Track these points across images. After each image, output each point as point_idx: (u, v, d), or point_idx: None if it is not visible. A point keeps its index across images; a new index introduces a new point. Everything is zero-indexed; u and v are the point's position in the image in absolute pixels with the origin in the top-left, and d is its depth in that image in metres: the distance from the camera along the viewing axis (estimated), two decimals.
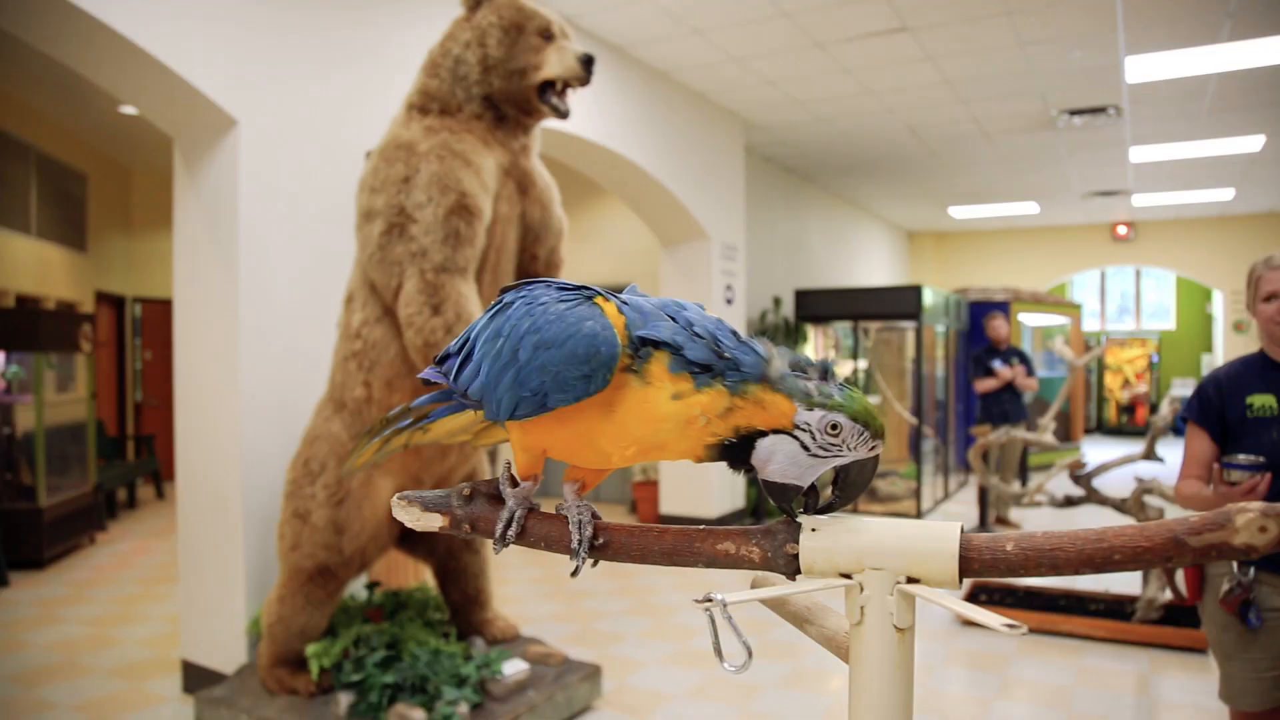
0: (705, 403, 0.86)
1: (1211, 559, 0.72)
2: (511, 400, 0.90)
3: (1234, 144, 8.87)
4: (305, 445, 3.46)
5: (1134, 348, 16.13)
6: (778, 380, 0.87)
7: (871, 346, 9.76)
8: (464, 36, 3.31)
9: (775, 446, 0.86)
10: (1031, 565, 0.75)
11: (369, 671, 3.37)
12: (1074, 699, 4.15)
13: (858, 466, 0.87)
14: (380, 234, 3.15)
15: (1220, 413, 2.46)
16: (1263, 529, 0.70)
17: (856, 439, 0.86)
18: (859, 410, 0.86)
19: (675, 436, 0.87)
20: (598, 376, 0.85)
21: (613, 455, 0.91)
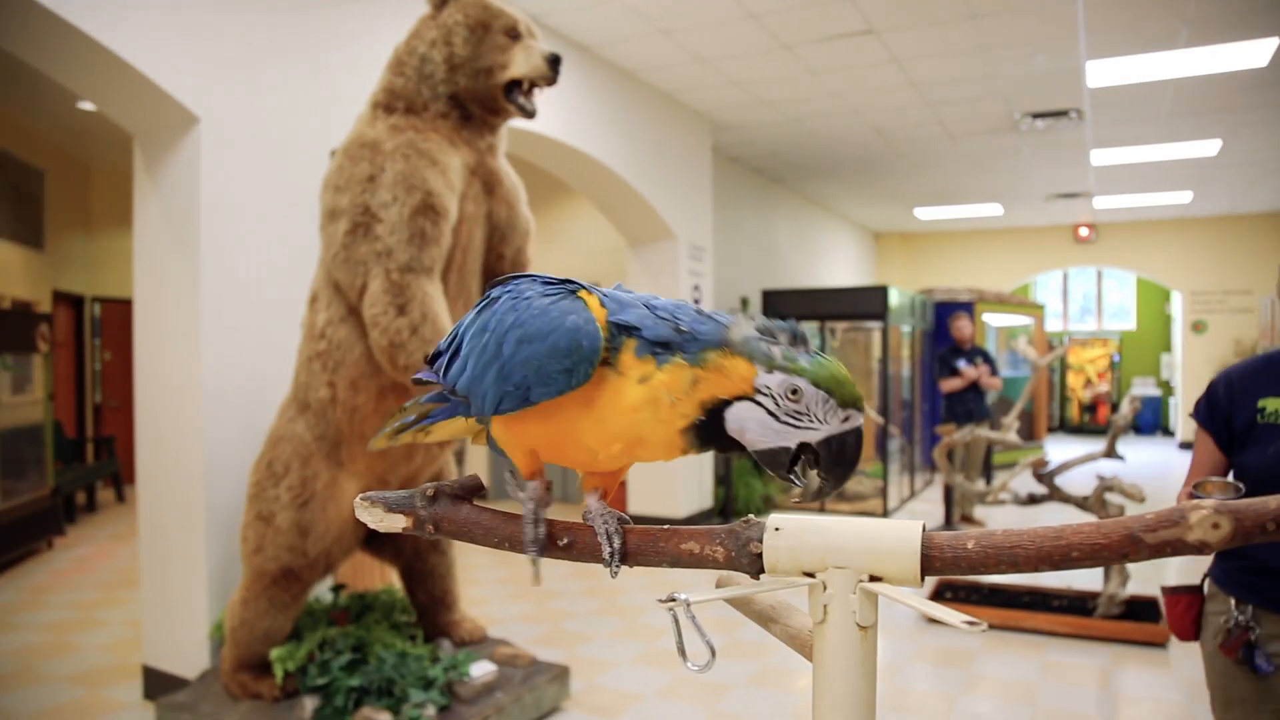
0: (668, 380, 0.85)
1: (1166, 555, 0.73)
2: (496, 394, 0.90)
3: (1191, 148, 9.03)
4: (269, 447, 3.42)
5: (1096, 348, 16.38)
6: (738, 344, 0.86)
7: (838, 346, 9.82)
8: (430, 35, 3.29)
9: (743, 415, 0.84)
10: (992, 563, 0.76)
11: (334, 675, 3.34)
12: (1038, 694, 4.21)
13: (837, 442, 0.85)
14: (345, 233, 3.12)
15: (1227, 416, 2.14)
16: (1215, 525, 0.71)
17: (822, 407, 0.84)
18: (824, 376, 0.84)
19: (650, 426, 0.86)
20: (579, 370, 0.84)
21: (598, 452, 0.89)
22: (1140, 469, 10.69)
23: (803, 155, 9.47)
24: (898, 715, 4.01)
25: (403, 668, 3.44)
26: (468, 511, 0.96)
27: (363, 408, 3.30)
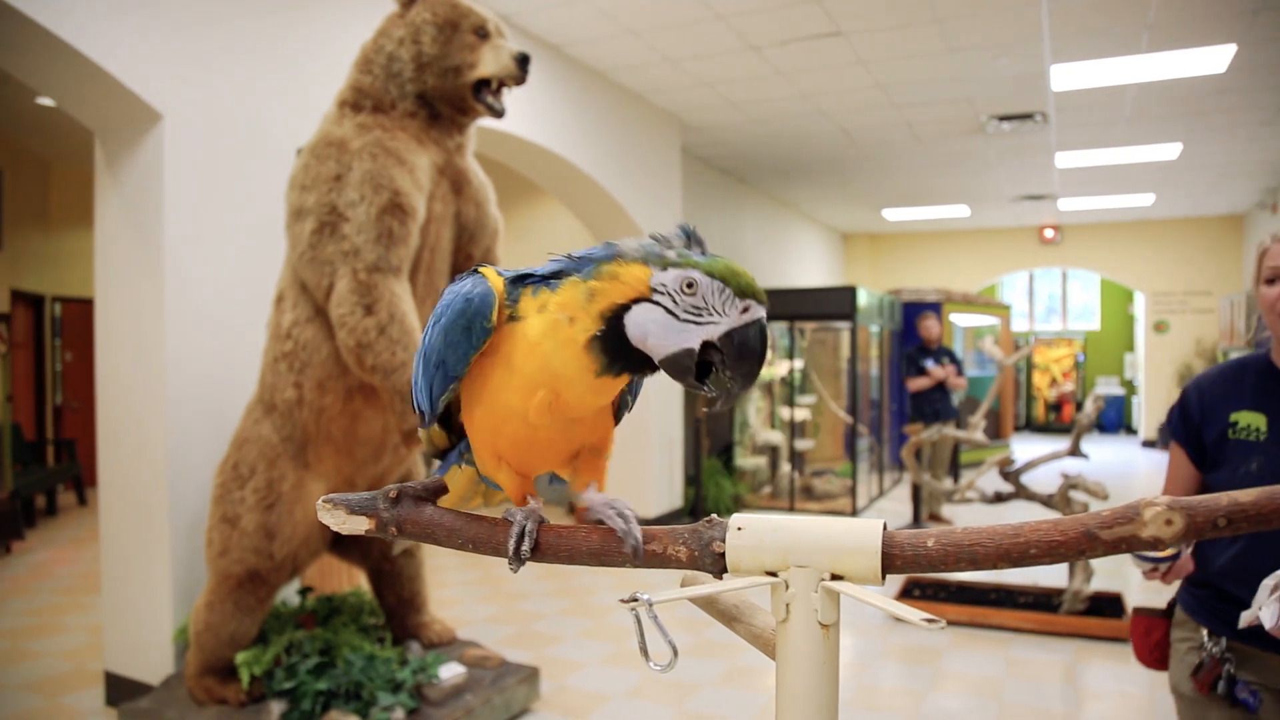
0: (562, 300, 0.86)
1: (1122, 551, 0.74)
2: (426, 383, 0.93)
3: (1153, 151, 9.17)
4: (234, 448, 3.39)
5: (1061, 347, 16.59)
6: (632, 250, 0.87)
7: (807, 347, 9.88)
8: (398, 33, 3.27)
9: (642, 318, 0.84)
10: (952, 560, 0.76)
11: (301, 679, 3.31)
12: (1004, 690, 4.25)
13: (740, 335, 0.84)
14: (311, 233, 3.10)
15: (1199, 428, 1.97)
16: (1169, 522, 0.72)
17: (720, 298, 0.84)
18: (718, 268, 0.84)
19: (557, 355, 0.86)
20: (476, 324, 0.87)
21: (528, 411, 0.89)
22: (1104, 467, 10.84)
23: (771, 156, 9.52)
24: (866, 713, 4.04)
25: (371, 670, 3.41)
26: (431, 513, 0.95)
27: (330, 408, 3.27)
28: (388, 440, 3.44)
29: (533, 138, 5.91)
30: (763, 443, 9.49)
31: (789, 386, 9.49)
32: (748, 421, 9.41)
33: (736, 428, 9.36)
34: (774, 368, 9.39)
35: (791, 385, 9.46)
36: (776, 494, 9.39)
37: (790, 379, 9.47)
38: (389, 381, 3.03)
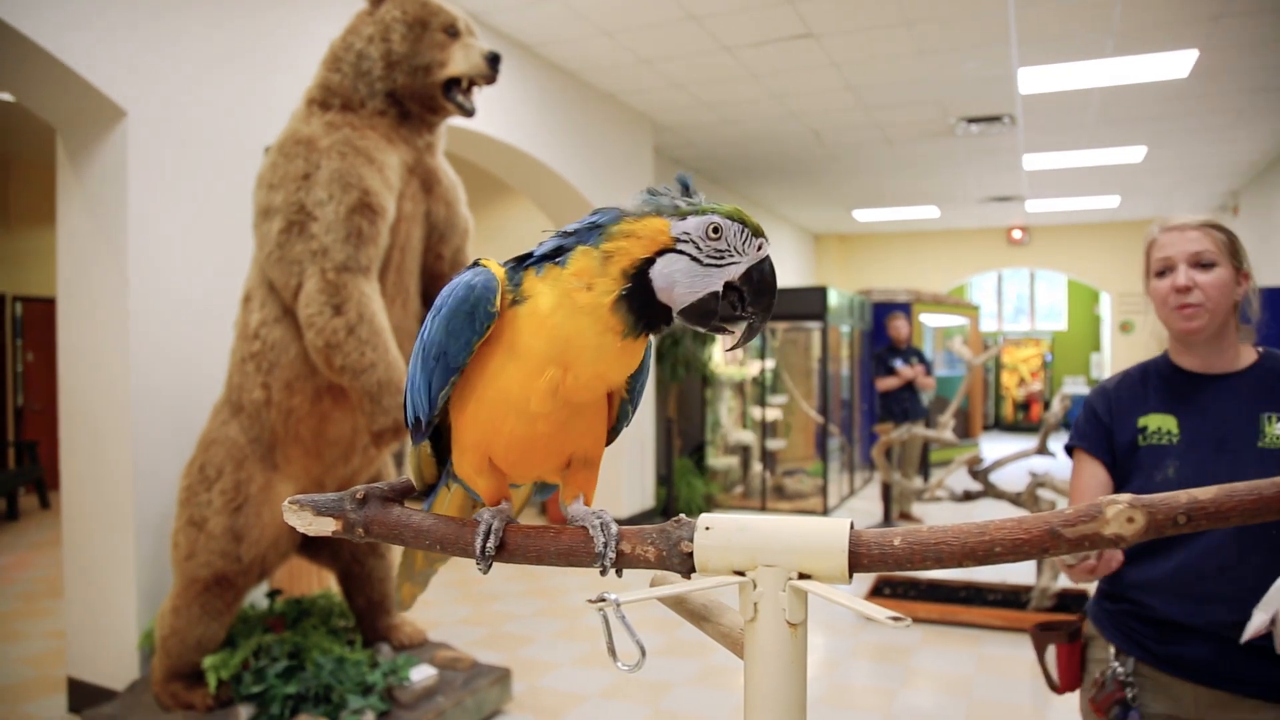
0: (576, 270, 0.86)
1: (1085, 549, 0.75)
2: (425, 380, 0.91)
3: (1119, 154, 9.30)
4: (201, 450, 3.35)
5: (1029, 347, 16.78)
6: (640, 207, 0.88)
7: (779, 347, 9.92)
8: (367, 30, 3.24)
9: (669, 269, 0.85)
10: (918, 559, 0.77)
11: (270, 682, 3.28)
12: (974, 687, 4.29)
13: (757, 272, 0.87)
14: (279, 232, 3.07)
15: (1110, 434, 1.84)
16: (1130, 520, 0.73)
17: (740, 239, 0.86)
18: (731, 211, 0.86)
19: (574, 324, 0.85)
20: (480, 308, 0.86)
21: (531, 399, 0.87)
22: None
23: (743, 157, 9.55)
24: (837, 711, 4.06)
25: (341, 674, 3.39)
26: (399, 514, 0.95)
27: (298, 409, 3.24)
28: (357, 441, 3.42)
29: (504, 137, 5.89)
30: (734, 442, 9.52)
31: (760, 386, 9.53)
32: (719, 421, 9.43)
33: (708, 428, 9.38)
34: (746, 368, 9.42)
35: (763, 385, 9.49)
36: (748, 494, 9.42)
37: (762, 379, 9.50)
38: (358, 382, 3.01)
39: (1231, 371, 1.78)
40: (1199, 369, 1.80)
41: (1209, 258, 1.74)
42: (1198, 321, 1.73)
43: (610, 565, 0.87)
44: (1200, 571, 1.68)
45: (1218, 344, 1.78)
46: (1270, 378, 1.76)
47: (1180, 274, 1.74)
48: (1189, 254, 1.74)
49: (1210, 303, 1.72)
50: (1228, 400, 1.75)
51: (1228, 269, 1.74)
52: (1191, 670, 1.69)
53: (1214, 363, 1.79)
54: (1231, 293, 1.74)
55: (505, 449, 0.93)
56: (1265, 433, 1.69)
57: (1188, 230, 1.76)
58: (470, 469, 0.95)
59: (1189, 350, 1.81)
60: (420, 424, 0.95)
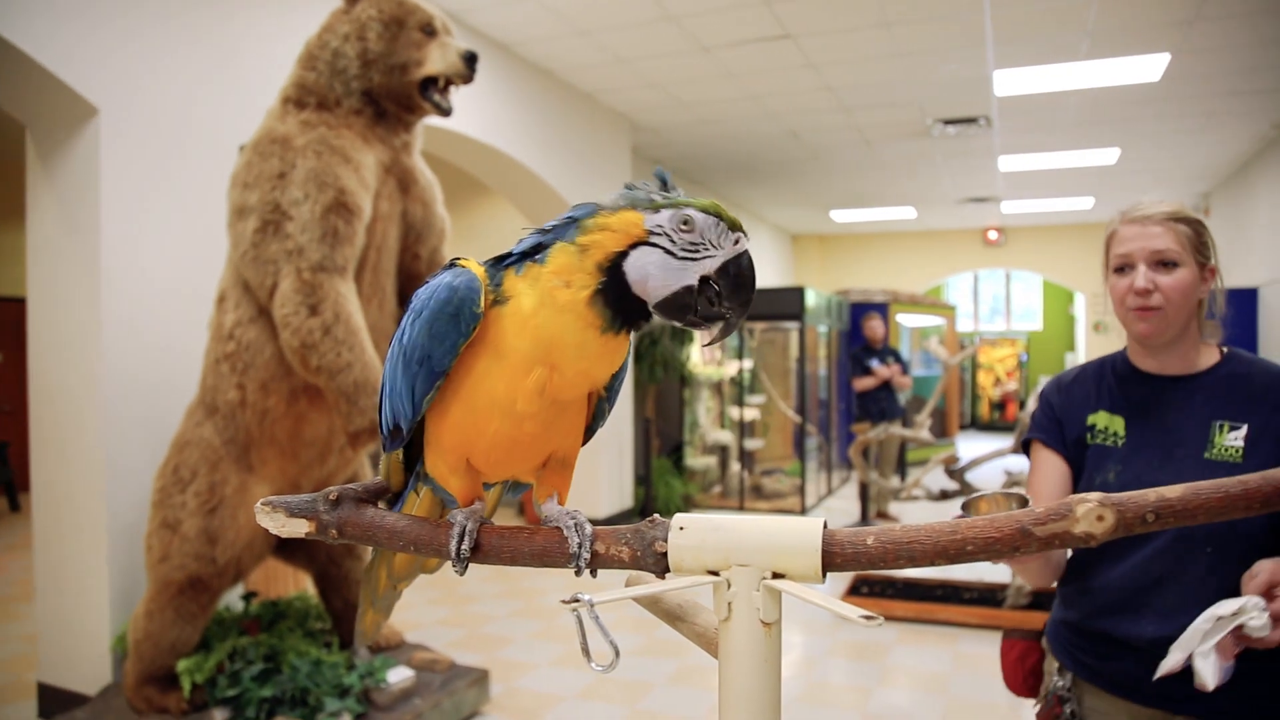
0: (554, 268, 0.85)
1: (1055, 547, 0.76)
2: (408, 384, 0.89)
3: (1093, 156, 9.39)
4: (174, 451, 3.32)
5: (1004, 347, 16.91)
6: (615, 201, 0.88)
7: (757, 347, 9.95)
8: (343, 29, 3.22)
9: (642, 262, 0.85)
10: (891, 558, 0.77)
11: (245, 685, 3.25)
12: (950, 684, 4.32)
13: (734, 266, 0.86)
14: (254, 231, 3.04)
15: (1062, 428, 1.77)
16: (1100, 518, 0.74)
17: (715, 233, 0.85)
18: (706, 205, 0.86)
19: (557, 324, 0.84)
20: (464, 311, 0.85)
21: (517, 399, 0.87)
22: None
23: (721, 157, 9.56)
24: (814, 709, 4.07)
25: (317, 676, 3.36)
26: (372, 515, 0.94)
27: (274, 410, 3.22)
28: (333, 442, 3.40)
29: (481, 137, 5.88)
30: (712, 442, 9.53)
31: (738, 386, 9.55)
32: (697, 421, 9.45)
33: (686, 428, 9.40)
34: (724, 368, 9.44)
35: (741, 385, 9.51)
36: (726, 493, 9.44)
37: (740, 379, 9.53)
38: (334, 383, 2.99)
39: (1189, 374, 1.67)
40: (1155, 370, 1.70)
41: (1171, 256, 1.61)
42: (1155, 325, 1.62)
43: (585, 566, 0.87)
44: (1135, 584, 1.60)
45: (1177, 346, 1.67)
46: (1228, 382, 1.64)
47: (1139, 275, 1.61)
48: (1150, 252, 1.61)
49: (1170, 306, 1.60)
50: (1181, 405, 1.65)
51: (1191, 268, 1.62)
52: (1124, 687, 1.61)
53: (1171, 364, 1.68)
54: (1194, 294, 1.63)
55: (487, 450, 0.92)
56: (1214, 442, 1.58)
57: (1150, 225, 1.62)
58: (446, 470, 0.94)
59: (1147, 353, 1.70)
60: (399, 430, 0.94)
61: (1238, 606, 1.27)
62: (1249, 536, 1.53)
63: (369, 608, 1.11)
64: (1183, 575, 1.56)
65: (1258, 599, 1.28)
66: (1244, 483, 0.76)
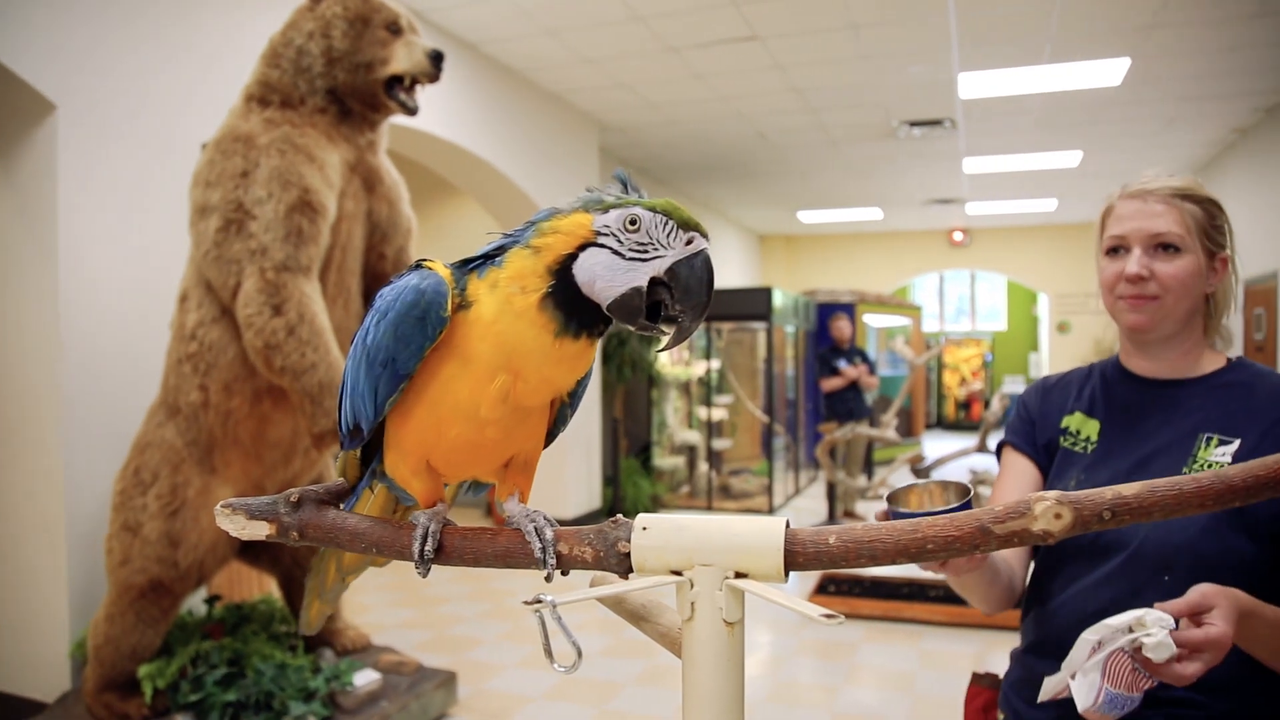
0: (511, 273, 0.85)
1: (1014, 544, 0.77)
2: (370, 385, 0.88)
3: (1056, 158, 9.52)
4: (135, 453, 3.27)
5: (970, 347, 17.09)
6: (570, 206, 0.87)
7: (724, 347, 9.98)
8: (307, 26, 3.19)
9: (589, 263, 0.84)
10: (853, 557, 0.78)
11: (209, 690, 3.21)
12: (916, 681, 4.36)
13: (685, 267, 0.84)
14: (216, 230, 3.01)
15: (1034, 431, 1.58)
16: (1057, 515, 0.75)
17: (664, 232, 0.84)
18: (658, 204, 0.85)
19: (515, 329, 0.84)
20: (431, 314, 0.84)
21: (481, 405, 0.86)
22: None
23: (688, 158, 9.59)
24: (781, 708, 4.09)
25: (282, 680, 3.33)
26: (334, 517, 0.93)
27: (237, 411, 3.19)
28: (298, 443, 3.36)
29: (448, 136, 5.85)
30: (680, 442, 9.55)
31: (706, 386, 9.57)
32: (665, 421, 9.46)
33: (654, 428, 9.41)
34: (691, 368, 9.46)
35: (709, 385, 9.54)
36: (694, 493, 9.46)
37: (707, 379, 9.55)
38: (299, 383, 2.96)
39: (1182, 378, 1.45)
40: (1146, 372, 1.48)
41: (1173, 240, 1.38)
42: (1148, 317, 1.40)
43: (553, 569, 0.87)
44: (1077, 616, 1.37)
45: (1173, 345, 1.44)
46: (1226, 391, 1.41)
47: (1133, 259, 1.39)
48: (1148, 234, 1.39)
49: (1168, 296, 1.38)
50: (1166, 411, 1.43)
51: (1197, 255, 1.39)
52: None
53: (1164, 366, 1.46)
54: (1198, 285, 1.40)
55: (448, 452, 0.92)
56: (1198, 456, 1.36)
57: (1151, 201, 1.40)
58: (408, 471, 0.94)
59: (1138, 350, 1.47)
60: (359, 430, 0.94)
61: (1135, 618, 1.07)
62: (1219, 566, 1.29)
63: (315, 599, 1.10)
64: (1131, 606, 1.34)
65: (1161, 614, 1.07)
66: (1197, 480, 0.77)
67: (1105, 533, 1.35)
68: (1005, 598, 1.52)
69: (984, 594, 1.49)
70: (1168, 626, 1.06)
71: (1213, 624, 1.09)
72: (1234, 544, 1.30)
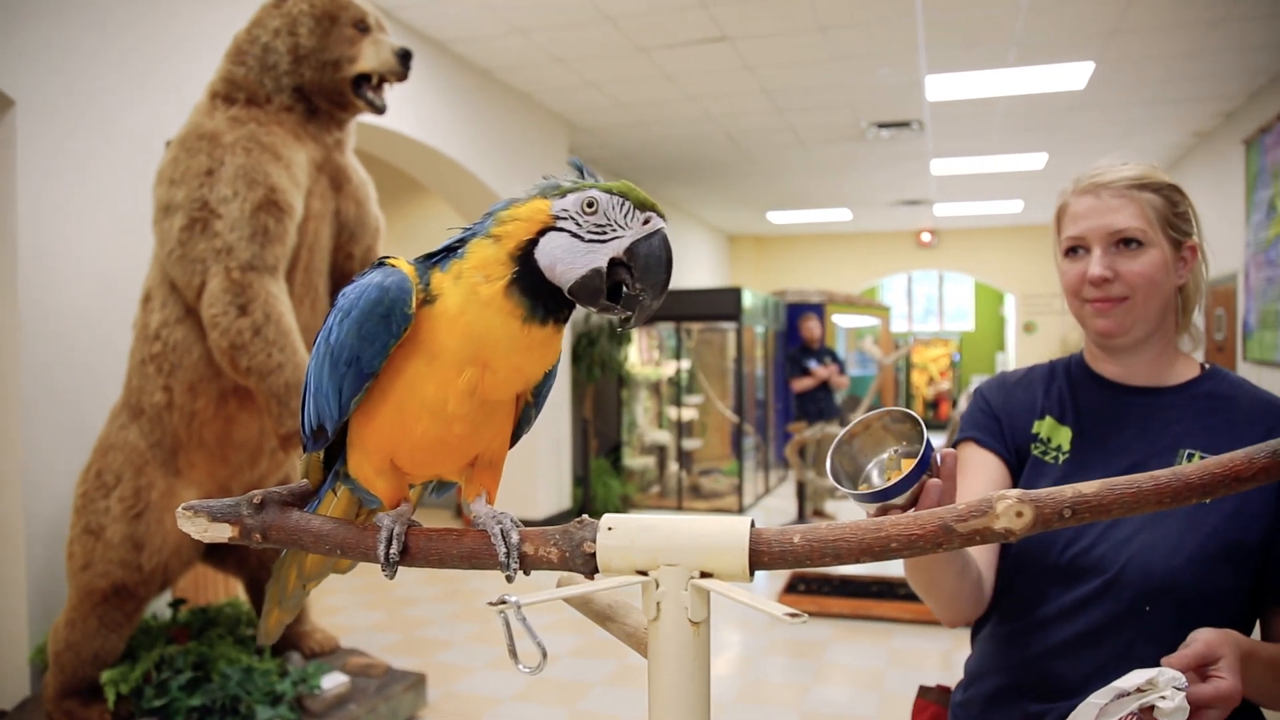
0: (474, 263, 0.85)
1: (976, 543, 0.77)
2: (334, 385, 0.88)
3: (1022, 160, 9.63)
4: (97, 455, 3.22)
5: (937, 347, 17.25)
6: (527, 194, 0.88)
7: (694, 347, 10.00)
8: (273, 23, 3.16)
9: (550, 247, 0.85)
10: (817, 556, 0.78)
11: (173, 695, 3.17)
12: (885, 679, 4.39)
13: (644, 246, 0.85)
14: (181, 229, 2.97)
15: (1002, 429, 1.44)
16: (1019, 514, 0.76)
17: (622, 213, 0.85)
18: (614, 186, 0.86)
19: (482, 320, 0.84)
20: (396, 311, 0.84)
21: (449, 400, 0.86)
22: None
23: (658, 158, 9.59)
24: (752, 707, 4.11)
25: (249, 683, 3.29)
26: (298, 518, 0.92)
27: (202, 412, 3.15)
28: (264, 444, 3.33)
29: (416, 135, 5.81)
30: (651, 442, 9.56)
31: (676, 386, 9.59)
32: (635, 421, 9.46)
33: (624, 428, 9.41)
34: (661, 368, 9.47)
35: (679, 385, 9.56)
36: (665, 493, 9.47)
37: (677, 379, 9.57)
38: (265, 384, 2.93)
39: (1161, 386, 1.36)
40: (1117, 377, 1.38)
41: (1135, 234, 1.29)
42: (1117, 321, 1.31)
43: (516, 571, 0.87)
44: (1043, 647, 1.30)
45: (1146, 349, 1.35)
46: (1207, 404, 1.32)
47: (1095, 261, 1.30)
48: (1107, 231, 1.30)
49: (1137, 295, 1.29)
50: (1143, 422, 1.33)
51: (1162, 247, 1.29)
52: None
53: (1137, 372, 1.37)
54: (1167, 280, 1.30)
55: (413, 451, 0.91)
56: None
57: (1107, 195, 1.31)
58: (371, 471, 0.93)
59: (1108, 356, 1.38)
60: (323, 431, 0.93)
61: (1146, 679, 0.99)
62: (1201, 598, 1.21)
63: (275, 607, 1.09)
64: (1103, 640, 1.26)
65: (1174, 674, 1.00)
66: (1155, 478, 0.78)
67: (1085, 555, 1.28)
68: (973, 599, 1.38)
69: (952, 591, 1.34)
70: (1182, 688, 0.99)
71: (1221, 677, 1.03)
72: (1219, 576, 1.22)
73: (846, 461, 1.13)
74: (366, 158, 4.66)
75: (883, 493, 1.04)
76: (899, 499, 1.05)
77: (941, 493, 1.05)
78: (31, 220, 3.53)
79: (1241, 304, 7.36)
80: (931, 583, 1.34)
